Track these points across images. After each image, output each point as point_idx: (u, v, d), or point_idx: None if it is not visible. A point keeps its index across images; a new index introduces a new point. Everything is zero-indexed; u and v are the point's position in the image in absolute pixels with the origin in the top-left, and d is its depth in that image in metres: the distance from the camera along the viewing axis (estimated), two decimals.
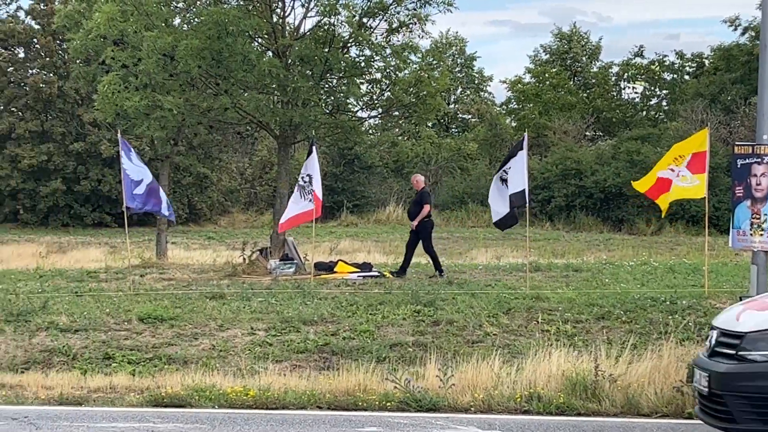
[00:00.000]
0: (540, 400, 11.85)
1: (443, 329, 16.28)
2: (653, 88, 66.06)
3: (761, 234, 14.67)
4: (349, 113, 28.32)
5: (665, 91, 65.45)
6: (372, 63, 26.67)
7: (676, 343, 13.50)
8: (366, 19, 26.30)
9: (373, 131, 37.53)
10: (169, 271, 25.07)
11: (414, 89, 26.58)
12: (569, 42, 67.37)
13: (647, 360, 12.65)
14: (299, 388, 12.58)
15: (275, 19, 26.89)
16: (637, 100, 66.80)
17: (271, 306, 18.14)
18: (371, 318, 16.98)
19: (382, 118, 30.24)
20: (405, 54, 26.22)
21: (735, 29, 58.29)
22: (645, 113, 65.63)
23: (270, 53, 27.00)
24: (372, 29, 26.45)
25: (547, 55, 68.24)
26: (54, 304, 18.12)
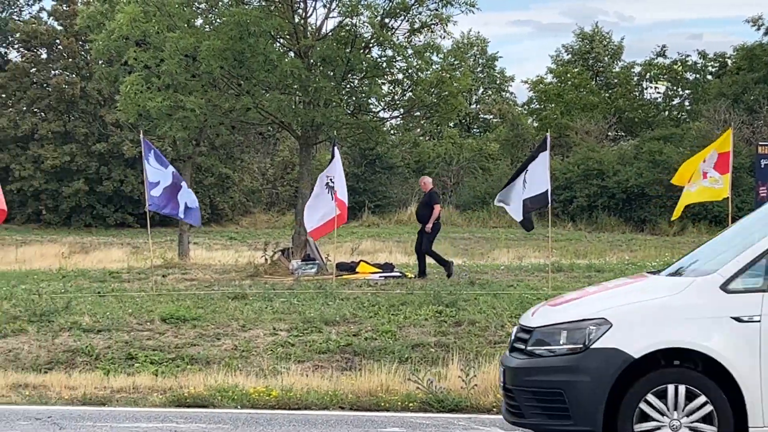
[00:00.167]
0: None
1: (465, 330, 16.24)
2: (676, 88, 65.82)
3: None
4: (371, 113, 28.33)
5: (688, 91, 65.19)
6: (394, 63, 26.69)
7: None
8: (388, 20, 26.32)
9: (395, 131, 37.50)
10: (192, 272, 25.14)
11: (436, 89, 26.56)
12: (591, 42, 67.20)
13: None
14: (321, 388, 12.57)
15: (297, 20, 26.92)
16: (660, 100, 66.58)
17: (293, 306, 18.13)
18: (393, 318, 16.95)
19: (403, 118, 30.22)
20: (427, 55, 26.21)
21: (758, 29, 58.16)
22: (667, 113, 65.38)
23: (292, 54, 27.03)
24: (394, 30, 26.46)
25: (569, 55, 68.09)
26: (77, 304, 18.15)
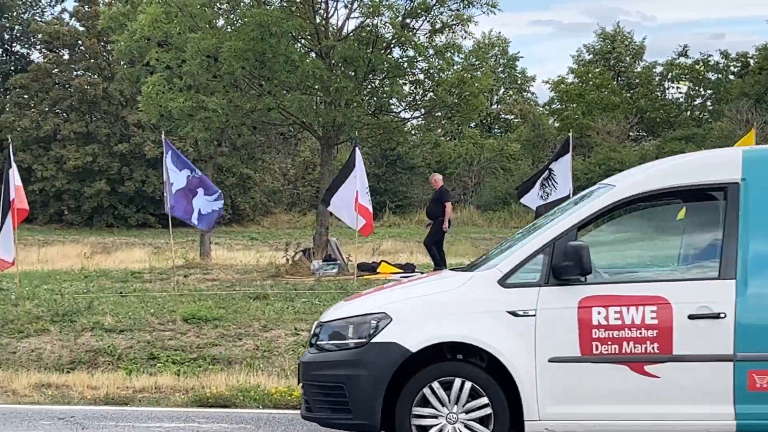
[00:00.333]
0: None
1: None
2: (697, 87, 65.60)
3: None
4: (392, 114, 28.31)
5: (710, 91, 64.98)
6: (415, 63, 26.68)
7: None
8: (409, 20, 26.30)
9: (416, 132, 37.50)
10: (213, 272, 25.16)
11: (457, 90, 26.53)
12: (613, 42, 67.04)
13: None
14: None
15: (318, 20, 26.93)
16: (682, 100, 66.40)
17: (315, 306, 18.10)
18: None
19: (424, 118, 30.21)
20: (448, 55, 26.19)
21: None
22: (689, 113, 65.17)
23: (313, 54, 27.04)
24: (415, 30, 26.45)
25: (591, 55, 67.95)
26: (99, 304, 18.19)
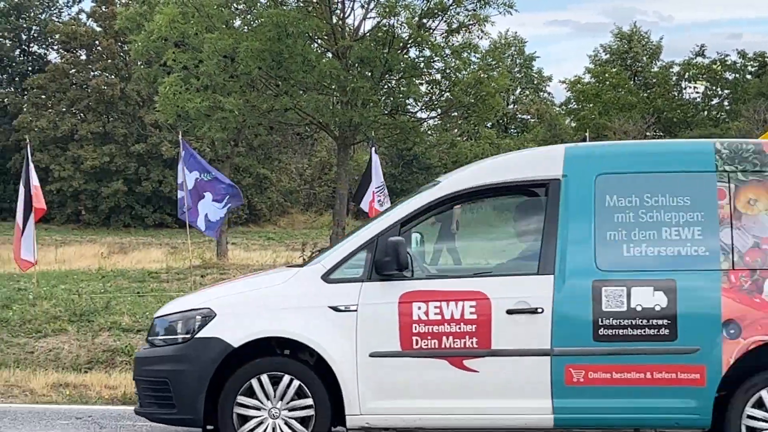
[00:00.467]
0: None
1: None
2: (715, 87, 65.38)
3: None
4: (409, 114, 28.30)
5: (727, 91, 64.74)
6: (432, 63, 26.66)
7: None
8: (425, 20, 26.29)
9: (432, 132, 37.48)
10: (230, 272, 25.13)
11: (473, 90, 26.50)
12: (629, 42, 66.88)
13: None
14: None
15: (335, 21, 26.94)
16: (699, 100, 66.16)
17: None
18: None
19: (441, 118, 30.19)
20: (465, 55, 26.17)
21: None
22: (706, 113, 64.96)
23: (329, 54, 27.05)
24: (431, 30, 26.43)
25: (607, 55, 67.80)
26: (116, 304, 18.20)
